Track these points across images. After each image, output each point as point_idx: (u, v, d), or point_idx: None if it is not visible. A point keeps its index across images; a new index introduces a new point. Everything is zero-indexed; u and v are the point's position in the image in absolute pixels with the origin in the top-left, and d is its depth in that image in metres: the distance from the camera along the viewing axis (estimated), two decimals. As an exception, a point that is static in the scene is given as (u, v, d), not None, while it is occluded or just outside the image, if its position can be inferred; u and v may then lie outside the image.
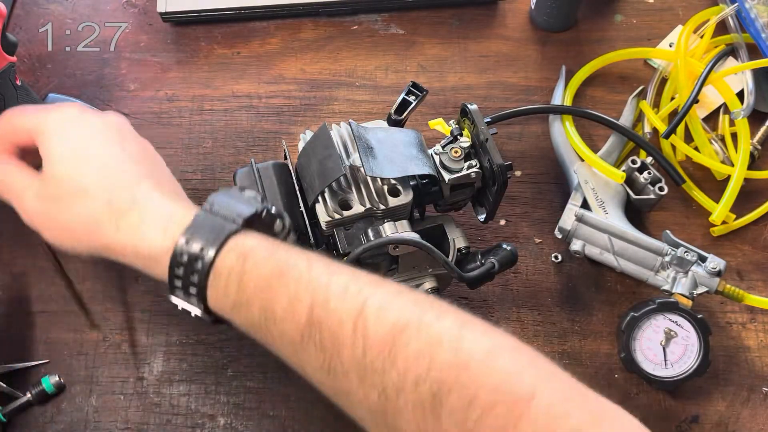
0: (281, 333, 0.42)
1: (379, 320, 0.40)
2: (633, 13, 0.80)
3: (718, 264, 0.61)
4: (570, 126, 0.71)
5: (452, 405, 0.37)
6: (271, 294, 0.42)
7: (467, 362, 0.38)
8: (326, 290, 0.41)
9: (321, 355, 0.41)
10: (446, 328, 0.40)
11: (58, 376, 0.62)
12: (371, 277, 0.43)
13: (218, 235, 0.43)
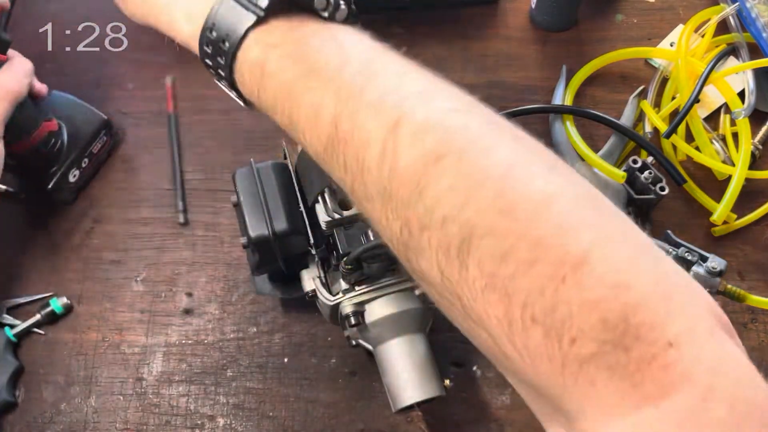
0: (306, 143, 0.38)
1: (414, 144, 0.33)
2: (634, 12, 0.80)
3: (719, 264, 0.61)
4: (571, 126, 0.70)
5: (482, 253, 0.31)
6: (292, 101, 0.37)
7: (511, 207, 0.31)
8: (358, 98, 0.35)
9: (344, 174, 0.36)
10: (497, 162, 0.33)
11: (66, 298, 0.63)
12: (427, 82, 0.37)
13: (236, 27, 0.37)
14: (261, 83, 0.38)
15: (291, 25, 0.38)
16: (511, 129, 0.36)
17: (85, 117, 0.70)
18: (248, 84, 0.39)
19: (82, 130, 0.69)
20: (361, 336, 0.56)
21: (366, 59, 0.37)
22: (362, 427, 0.61)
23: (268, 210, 0.53)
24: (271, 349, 0.64)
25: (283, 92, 0.37)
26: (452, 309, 0.34)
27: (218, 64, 0.39)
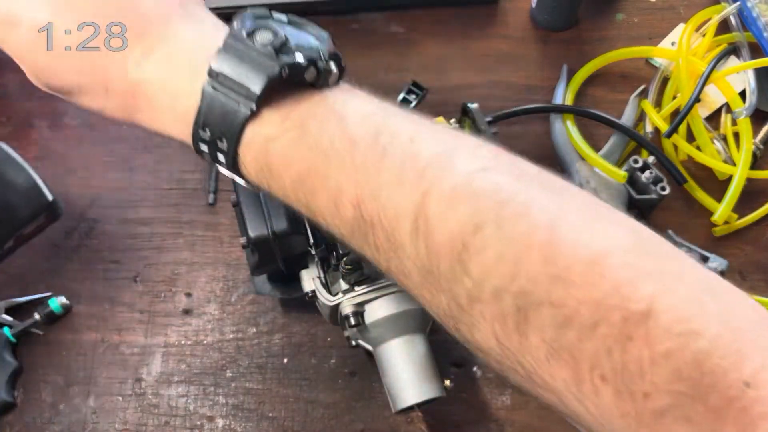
0: (330, 225, 0.36)
1: (447, 217, 0.31)
2: (634, 11, 0.80)
3: (720, 264, 0.60)
4: (571, 125, 0.70)
5: (542, 322, 0.30)
6: (307, 190, 0.35)
7: (564, 272, 0.30)
8: (376, 177, 0.33)
9: (376, 254, 0.34)
10: (538, 223, 0.31)
11: (65, 298, 0.63)
12: (440, 140, 0.34)
13: (230, 127, 0.35)
14: (269, 178, 0.36)
15: (286, 111, 0.35)
16: (538, 174, 0.34)
17: (23, 192, 0.57)
18: (255, 177, 0.37)
19: (16, 208, 0.57)
20: (361, 336, 0.56)
21: (373, 130, 0.35)
22: (362, 427, 0.60)
23: (267, 210, 0.53)
24: (271, 349, 0.63)
25: (295, 183, 0.35)
26: (514, 374, 0.33)
27: (218, 159, 0.37)
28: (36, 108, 0.75)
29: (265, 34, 0.35)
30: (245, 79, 0.34)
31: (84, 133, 0.74)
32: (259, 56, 0.34)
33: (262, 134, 0.35)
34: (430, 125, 0.37)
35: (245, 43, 0.35)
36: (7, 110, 0.75)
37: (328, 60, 0.38)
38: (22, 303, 0.64)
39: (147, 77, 0.37)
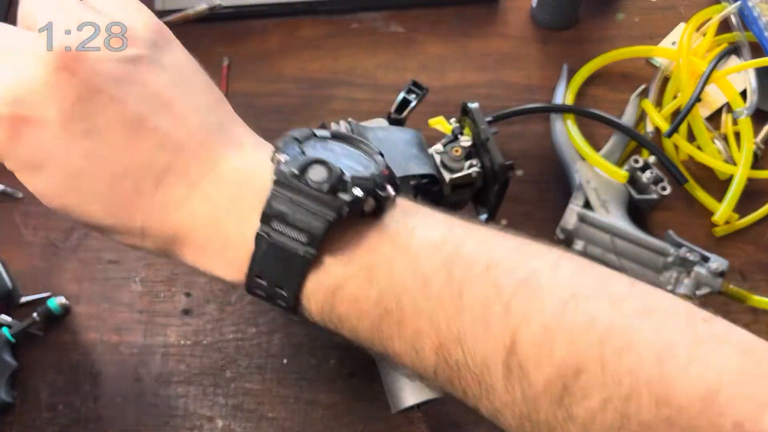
0: (409, 367, 0.33)
1: (542, 361, 0.29)
2: (635, 11, 0.80)
3: (721, 264, 0.60)
4: (572, 125, 0.70)
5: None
6: (382, 336, 0.33)
7: (681, 412, 0.27)
8: (457, 320, 0.30)
9: (463, 397, 0.32)
10: (642, 359, 0.28)
11: (65, 298, 0.63)
12: (520, 272, 0.31)
13: (290, 276, 0.33)
14: (338, 324, 0.34)
15: (348, 253, 0.32)
16: (627, 291, 0.31)
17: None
18: (321, 321, 0.35)
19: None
20: (361, 337, 0.56)
21: (446, 262, 0.32)
22: (362, 428, 0.60)
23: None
24: (271, 349, 0.63)
25: (368, 330, 0.33)
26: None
27: (277, 304, 0.35)
28: (35, 107, 0.75)
29: (318, 171, 0.32)
30: (302, 224, 0.31)
31: (83, 133, 0.74)
32: (315, 199, 0.31)
33: (326, 282, 0.33)
34: (502, 239, 0.34)
35: (298, 184, 0.31)
36: (6, 110, 0.75)
37: (385, 185, 0.33)
38: (21, 303, 0.64)
39: (189, 222, 0.34)
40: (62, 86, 0.32)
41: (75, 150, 0.32)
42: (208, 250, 0.34)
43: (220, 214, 0.34)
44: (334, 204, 0.31)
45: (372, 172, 0.33)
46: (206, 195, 0.34)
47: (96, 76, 0.32)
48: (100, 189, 0.33)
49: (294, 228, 0.31)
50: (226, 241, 0.34)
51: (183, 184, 0.34)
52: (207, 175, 0.34)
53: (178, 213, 0.34)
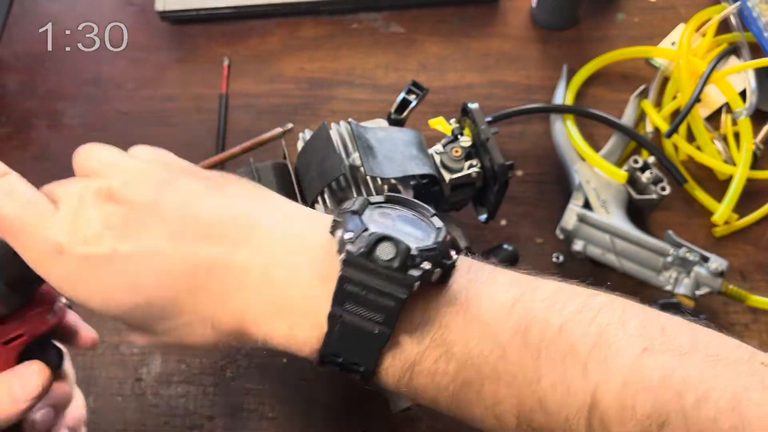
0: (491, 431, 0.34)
1: (625, 418, 0.30)
2: (635, 11, 0.80)
3: (721, 264, 0.60)
4: (571, 125, 0.70)
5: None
6: (462, 403, 0.33)
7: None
8: (536, 385, 0.31)
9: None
10: (724, 406, 0.29)
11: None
12: (592, 329, 0.32)
13: (365, 353, 0.33)
14: (414, 395, 0.34)
15: (421, 328, 0.33)
16: (691, 342, 0.32)
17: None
18: (398, 391, 0.35)
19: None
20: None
21: (519, 326, 0.32)
22: (362, 428, 0.60)
23: (267, 210, 0.53)
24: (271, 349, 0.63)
25: (446, 400, 0.33)
26: None
27: (352, 376, 0.35)
28: (35, 108, 0.75)
29: (386, 249, 0.31)
30: (375, 304, 0.31)
31: (84, 133, 0.74)
32: (386, 278, 0.31)
33: (402, 358, 0.33)
34: (567, 295, 0.34)
35: (367, 264, 0.31)
36: (7, 110, 0.75)
37: (449, 251, 0.33)
38: None
39: (250, 309, 0.34)
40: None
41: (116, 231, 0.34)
42: (277, 331, 0.34)
43: (283, 295, 0.34)
44: (405, 282, 0.31)
45: (436, 240, 0.33)
46: (267, 282, 0.34)
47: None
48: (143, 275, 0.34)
49: (367, 308, 0.31)
50: (293, 322, 0.34)
51: (236, 270, 0.34)
52: (261, 254, 0.34)
53: (237, 301, 0.34)
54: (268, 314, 0.34)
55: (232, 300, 0.34)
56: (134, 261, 0.34)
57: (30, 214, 0.35)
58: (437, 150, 0.55)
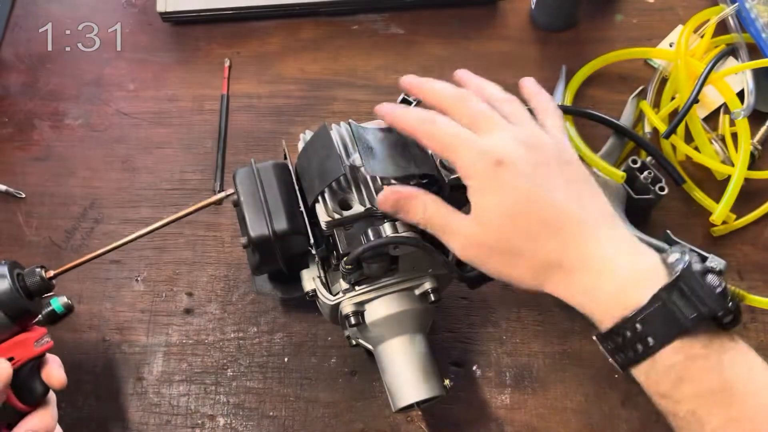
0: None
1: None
2: (633, 12, 0.80)
3: (719, 264, 0.61)
4: (570, 126, 0.71)
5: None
6: (708, 406, 0.40)
7: None
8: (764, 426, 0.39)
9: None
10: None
11: (67, 297, 0.63)
12: None
13: (667, 331, 0.40)
14: (675, 386, 0.40)
15: (708, 338, 0.40)
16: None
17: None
18: (655, 380, 0.41)
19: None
20: (362, 336, 0.56)
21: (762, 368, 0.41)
22: (362, 426, 0.61)
23: (268, 210, 0.53)
24: (272, 348, 0.64)
25: (700, 400, 0.40)
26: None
27: (628, 350, 0.41)
28: (37, 108, 0.76)
29: (714, 279, 0.41)
30: (694, 304, 0.40)
31: (85, 134, 0.74)
32: (709, 294, 0.40)
33: (687, 352, 0.40)
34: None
35: (700, 279, 0.40)
36: (9, 110, 0.76)
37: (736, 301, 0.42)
38: None
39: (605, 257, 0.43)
40: None
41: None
42: (597, 289, 0.43)
43: (623, 270, 0.43)
44: (723, 304, 0.40)
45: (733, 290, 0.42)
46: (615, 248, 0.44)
47: None
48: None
49: (688, 301, 0.40)
50: (623, 287, 0.42)
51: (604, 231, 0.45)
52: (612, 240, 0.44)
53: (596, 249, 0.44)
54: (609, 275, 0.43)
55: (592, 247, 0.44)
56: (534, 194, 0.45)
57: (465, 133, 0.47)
58: (437, 150, 0.56)
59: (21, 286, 0.51)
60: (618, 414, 0.61)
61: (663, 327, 0.40)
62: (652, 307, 0.40)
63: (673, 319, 0.40)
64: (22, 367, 0.51)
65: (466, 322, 0.64)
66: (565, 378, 0.62)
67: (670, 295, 0.40)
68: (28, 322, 0.52)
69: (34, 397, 0.52)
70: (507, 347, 0.64)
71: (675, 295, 0.40)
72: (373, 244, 0.50)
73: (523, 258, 0.45)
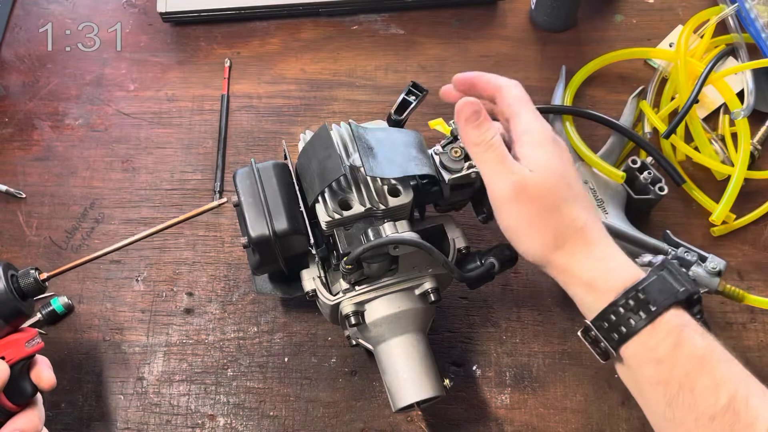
0: (691, 404, 0.44)
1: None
2: (633, 13, 0.80)
3: (719, 264, 0.61)
4: (570, 126, 0.71)
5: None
6: (698, 367, 0.44)
7: None
8: (747, 387, 0.43)
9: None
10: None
11: (67, 297, 0.63)
12: None
13: (664, 300, 0.45)
14: (673, 349, 0.44)
15: (688, 313, 0.46)
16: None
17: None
18: (653, 346, 0.45)
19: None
20: (362, 335, 0.56)
21: (714, 373, 0.44)
22: (362, 426, 0.61)
23: (268, 210, 0.53)
24: (272, 348, 0.64)
25: (692, 363, 0.44)
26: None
27: (614, 330, 0.46)
28: (38, 108, 0.76)
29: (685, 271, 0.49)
30: (681, 280, 0.46)
31: (86, 134, 0.74)
32: (686, 277, 0.47)
33: (683, 316, 0.45)
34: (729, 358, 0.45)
35: (678, 267, 0.48)
36: (9, 111, 0.76)
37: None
38: None
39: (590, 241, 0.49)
40: None
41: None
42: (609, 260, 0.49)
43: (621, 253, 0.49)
44: (697, 288, 0.47)
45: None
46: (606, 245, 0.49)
47: None
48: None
49: (677, 279, 0.46)
50: (623, 263, 0.48)
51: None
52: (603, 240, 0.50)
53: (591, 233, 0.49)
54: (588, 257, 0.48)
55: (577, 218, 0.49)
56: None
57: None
58: (437, 150, 0.56)
59: (15, 288, 0.52)
60: (618, 414, 0.61)
61: (662, 295, 0.45)
62: (651, 279, 0.46)
63: (669, 289, 0.46)
64: (13, 367, 0.51)
65: (466, 322, 0.65)
66: (564, 378, 0.62)
67: (662, 272, 0.47)
68: (20, 322, 0.53)
69: (23, 397, 0.52)
70: (507, 347, 0.64)
71: (666, 272, 0.47)
72: (374, 244, 0.50)
73: (554, 215, 0.48)
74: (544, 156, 0.50)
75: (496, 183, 0.49)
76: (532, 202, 0.48)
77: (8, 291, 0.51)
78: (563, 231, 0.48)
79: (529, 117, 0.52)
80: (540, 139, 0.51)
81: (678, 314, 0.45)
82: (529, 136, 0.51)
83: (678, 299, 0.45)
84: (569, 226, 0.48)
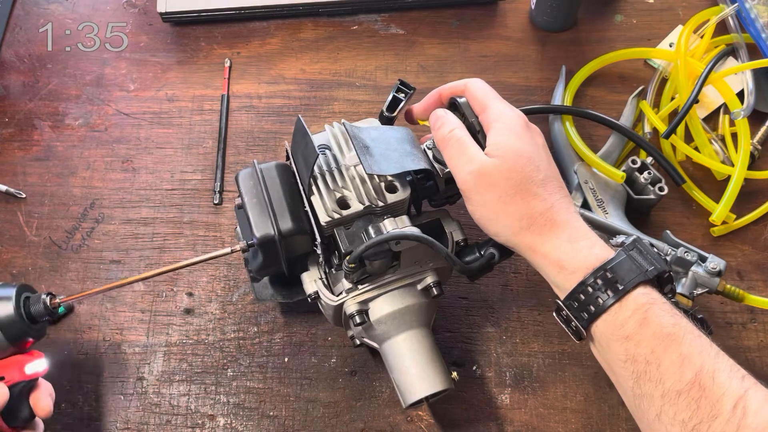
0: (657, 380, 0.44)
1: (760, 413, 0.41)
2: (633, 13, 0.80)
3: (718, 264, 0.61)
4: (570, 126, 0.71)
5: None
6: (664, 344, 0.44)
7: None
8: (714, 362, 0.43)
9: (691, 414, 0.43)
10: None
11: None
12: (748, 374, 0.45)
13: (631, 278, 0.46)
14: (639, 327, 0.45)
15: (657, 292, 0.47)
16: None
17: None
18: (621, 323, 0.46)
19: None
20: (366, 334, 0.56)
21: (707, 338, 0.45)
22: (362, 426, 0.61)
23: (272, 210, 0.53)
24: (272, 348, 0.64)
25: (658, 339, 0.45)
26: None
27: (584, 310, 0.47)
28: (38, 108, 0.76)
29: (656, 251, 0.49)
30: (650, 258, 0.47)
31: (86, 134, 0.74)
32: (656, 256, 0.48)
33: (652, 294, 0.46)
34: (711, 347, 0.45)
35: (648, 247, 0.48)
36: (10, 110, 0.76)
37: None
38: None
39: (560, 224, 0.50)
40: None
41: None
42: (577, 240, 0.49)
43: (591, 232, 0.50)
44: (667, 267, 0.48)
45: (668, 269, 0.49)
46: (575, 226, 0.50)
47: None
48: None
49: (645, 258, 0.47)
50: (593, 244, 0.49)
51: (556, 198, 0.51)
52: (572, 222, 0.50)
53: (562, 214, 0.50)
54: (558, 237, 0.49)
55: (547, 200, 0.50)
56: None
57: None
58: (428, 145, 0.56)
59: (25, 311, 0.52)
60: (618, 414, 0.61)
61: (630, 274, 0.46)
62: (619, 259, 0.47)
63: (637, 268, 0.47)
64: (11, 389, 0.51)
65: (466, 322, 0.65)
66: (564, 378, 0.62)
67: (632, 252, 0.47)
68: (25, 344, 0.54)
69: (19, 420, 0.53)
70: (507, 347, 0.64)
71: (635, 252, 0.48)
72: (376, 241, 0.50)
73: (516, 198, 0.50)
74: (513, 140, 0.51)
75: (458, 174, 0.52)
76: (493, 188, 0.50)
77: (17, 315, 0.52)
78: (529, 212, 0.50)
79: (499, 106, 0.53)
80: (510, 125, 0.52)
81: (646, 292, 0.46)
82: (499, 123, 0.52)
83: (647, 278, 0.46)
84: (535, 208, 0.50)
